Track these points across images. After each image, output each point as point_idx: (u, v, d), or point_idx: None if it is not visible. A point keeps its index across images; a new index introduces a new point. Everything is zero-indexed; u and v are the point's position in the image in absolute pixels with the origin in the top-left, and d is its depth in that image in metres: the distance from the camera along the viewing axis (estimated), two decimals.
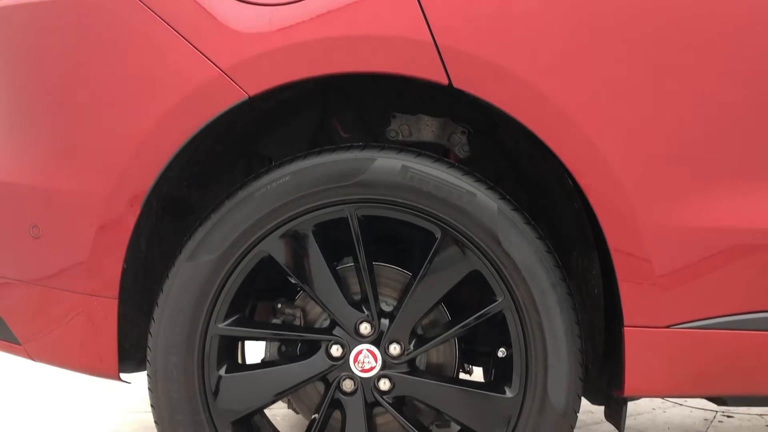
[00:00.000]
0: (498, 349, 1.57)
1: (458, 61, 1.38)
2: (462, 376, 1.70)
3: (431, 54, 1.38)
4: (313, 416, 1.55)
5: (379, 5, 1.40)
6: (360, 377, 1.51)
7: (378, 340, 1.50)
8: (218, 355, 1.50)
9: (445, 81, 1.39)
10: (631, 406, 2.73)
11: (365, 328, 1.50)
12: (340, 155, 1.45)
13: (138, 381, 1.71)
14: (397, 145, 1.48)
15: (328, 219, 1.47)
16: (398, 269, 1.60)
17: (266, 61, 1.40)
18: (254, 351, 2.00)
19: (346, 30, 1.39)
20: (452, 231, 1.45)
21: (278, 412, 2.55)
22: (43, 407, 2.69)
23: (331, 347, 1.51)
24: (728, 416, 2.71)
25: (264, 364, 1.62)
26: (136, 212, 1.45)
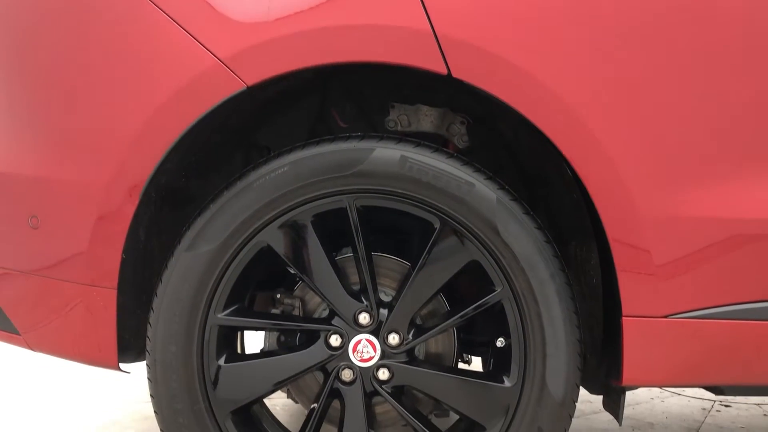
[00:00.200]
0: (497, 339, 1.57)
1: (457, 51, 1.38)
2: (461, 366, 1.71)
3: (430, 43, 1.38)
4: (313, 406, 1.56)
5: None
6: (359, 367, 1.51)
7: (377, 330, 1.51)
8: (217, 345, 1.50)
9: (444, 71, 1.39)
10: (630, 396, 2.74)
11: (364, 318, 1.51)
12: (339, 145, 1.44)
13: (137, 371, 1.71)
14: (396, 136, 1.48)
15: (327, 209, 1.47)
16: (397, 259, 1.60)
17: (264, 51, 1.40)
18: (253, 341, 2.01)
19: (345, 19, 1.39)
20: (451, 221, 1.45)
21: (278, 402, 2.56)
22: (44, 398, 2.69)
23: (330, 337, 1.51)
24: (726, 406, 2.72)
25: (263, 354, 1.63)
26: (135, 202, 1.44)
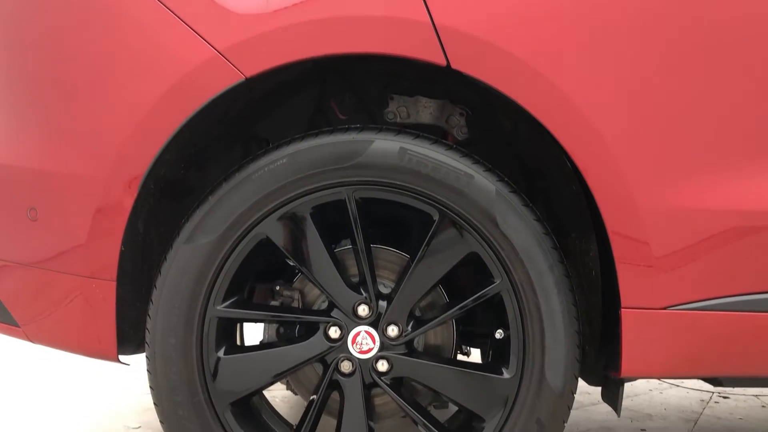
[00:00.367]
0: (495, 331, 1.57)
1: (456, 42, 1.37)
2: (460, 358, 1.71)
3: (429, 35, 1.37)
4: (312, 397, 1.56)
5: None
6: (358, 358, 1.51)
7: (376, 322, 1.51)
8: (217, 337, 1.50)
9: (444, 62, 1.39)
10: (628, 387, 2.74)
11: (363, 310, 1.51)
12: (338, 137, 1.44)
13: (137, 363, 1.71)
14: (395, 127, 1.48)
15: (326, 201, 1.47)
16: (396, 251, 1.60)
17: (263, 42, 1.39)
18: (253, 333, 2.01)
19: (344, 11, 1.38)
20: (450, 213, 1.45)
21: (277, 394, 2.57)
22: (43, 390, 2.70)
23: (330, 329, 1.52)
24: (724, 397, 2.73)
25: (262, 346, 1.63)
26: (134, 194, 1.44)
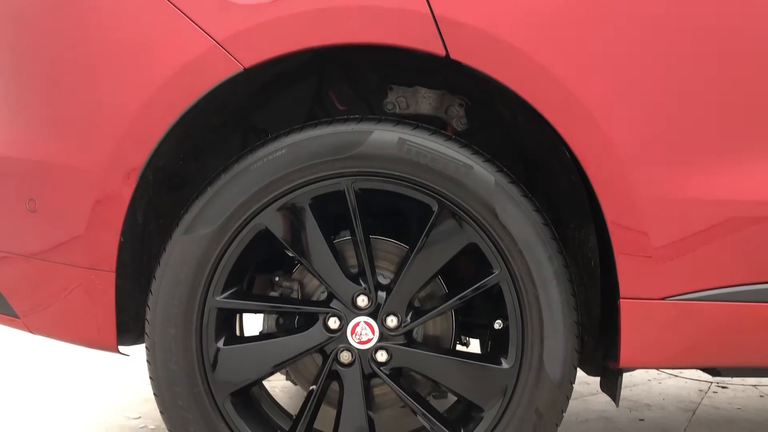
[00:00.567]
0: (494, 321, 1.57)
1: (455, 32, 1.37)
2: (459, 348, 1.71)
3: (428, 25, 1.37)
4: (311, 387, 1.57)
5: None
6: (357, 349, 1.52)
7: (375, 313, 1.51)
8: (216, 328, 1.50)
9: (443, 52, 1.38)
10: (627, 378, 2.75)
11: (362, 301, 1.51)
12: (337, 128, 1.44)
13: (137, 354, 1.72)
14: (394, 118, 1.48)
15: (325, 192, 1.47)
16: (395, 242, 1.60)
17: (262, 33, 1.39)
18: (252, 324, 2.01)
19: (342, 0, 1.38)
20: (449, 204, 1.45)
21: (277, 384, 2.58)
22: (43, 382, 2.71)
23: (329, 320, 1.52)
24: (723, 387, 2.74)
25: (262, 337, 1.63)
26: (133, 185, 1.44)
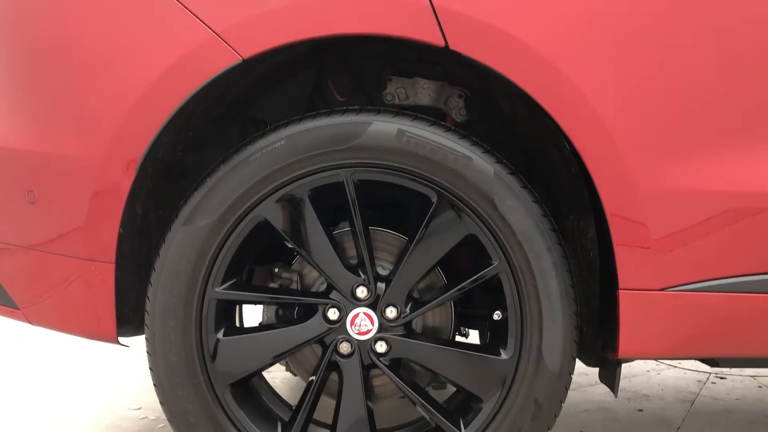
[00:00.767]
0: (494, 312, 1.58)
1: (454, 23, 1.37)
2: (458, 339, 1.72)
3: (427, 15, 1.37)
4: (311, 378, 1.57)
5: None
6: (357, 340, 1.52)
7: (374, 304, 1.51)
8: (216, 319, 1.51)
9: (442, 43, 1.38)
10: (626, 368, 2.76)
11: (362, 292, 1.51)
12: (336, 119, 1.44)
13: (137, 345, 1.72)
14: (394, 109, 1.47)
15: (325, 183, 1.47)
16: (394, 233, 1.60)
17: (260, 23, 1.38)
18: (252, 315, 2.02)
19: None
20: (448, 195, 1.45)
21: (277, 375, 2.58)
22: (42, 372, 2.71)
23: (328, 311, 1.52)
24: (721, 377, 2.75)
25: (261, 328, 1.63)
26: (132, 177, 1.44)
